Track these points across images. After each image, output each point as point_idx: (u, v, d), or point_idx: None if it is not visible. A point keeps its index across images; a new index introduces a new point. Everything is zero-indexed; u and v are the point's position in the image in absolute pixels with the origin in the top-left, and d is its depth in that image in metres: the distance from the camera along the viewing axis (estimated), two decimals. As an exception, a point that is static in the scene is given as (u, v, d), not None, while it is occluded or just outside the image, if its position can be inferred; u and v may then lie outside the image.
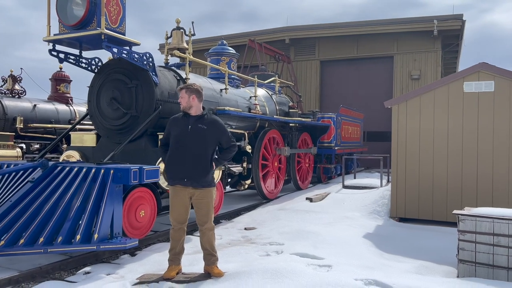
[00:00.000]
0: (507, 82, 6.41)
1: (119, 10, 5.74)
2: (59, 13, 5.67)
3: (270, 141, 9.55)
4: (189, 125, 4.08)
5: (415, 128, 7.03)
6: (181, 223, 4.15)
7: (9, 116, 11.11)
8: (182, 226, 4.18)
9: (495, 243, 4.06)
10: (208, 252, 4.16)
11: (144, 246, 5.62)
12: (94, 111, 6.51)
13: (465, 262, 4.20)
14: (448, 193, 6.76)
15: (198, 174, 4.02)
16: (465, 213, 4.26)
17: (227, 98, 8.15)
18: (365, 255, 4.98)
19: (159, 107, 6.17)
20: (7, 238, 4.44)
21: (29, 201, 4.78)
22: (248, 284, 3.74)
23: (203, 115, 4.17)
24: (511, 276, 3.99)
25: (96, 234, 4.58)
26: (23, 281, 4.19)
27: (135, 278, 4.14)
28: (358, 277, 3.84)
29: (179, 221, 4.14)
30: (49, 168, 5.19)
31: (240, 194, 10.81)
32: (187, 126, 4.08)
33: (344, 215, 7.31)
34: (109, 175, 4.83)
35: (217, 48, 9.24)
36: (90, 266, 4.74)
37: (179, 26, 7.49)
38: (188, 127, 4.07)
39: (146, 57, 6.07)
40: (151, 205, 5.63)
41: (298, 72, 20.62)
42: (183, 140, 4.06)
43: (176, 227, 4.17)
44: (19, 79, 12.17)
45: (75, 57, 6.27)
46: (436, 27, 17.69)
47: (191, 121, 4.10)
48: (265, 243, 5.67)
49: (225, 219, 7.63)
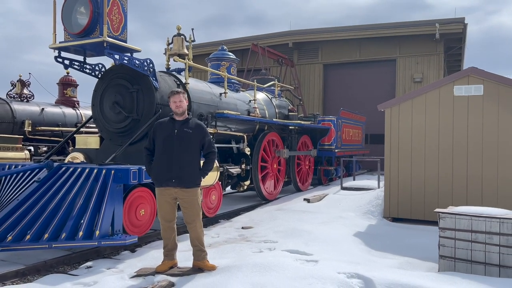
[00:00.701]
0: (495, 85, 6.60)
1: (120, 19, 6.05)
2: (64, 22, 5.99)
3: (270, 144, 9.80)
4: (175, 129, 4.32)
5: (407, 130, 7.25)
6: (168, 221, 4.41)
7: (18, 120, 11.47)
8: (170, 224, 4.43)
9: (473, 240, 4.27)
10: (198, 248, 4.41)
11: (144, 243, 5.89)
12: (97, 114, 6.81)
13: (445, 257, 4.41)
14: (439, 194, 6.95)
15: (184, 176, 4.25)
16: (445, 211, 4.48)
17: (226, 102, 8.42)
18: (353, 251, 5.21)
19: (159, 111, 6.45)
20: (14, 234, 4.74)
21: (35, 200, 5.09)
22: (238, 276, 3.98)
23: (188, 120, 4.42)
24: (488, 271, 4.20)
25: (98, 231, 4.86)
26: (28, 274, 4.48)
27: (133, 272, 4.41)
28: (341, 271, 4.07)
29: (166, 219, 4.40)
30: (54, 169, 5.49)
31: (240, 195, 11.06)
32: (174, 130, 4.31)
33: (339, 215, 7.53)
34: (110, 175, 5.11)
35: (217, 54, 9.53)
36: (91, 261, 5.02)
37: (179, 32, 7.80)
38: (174, 131, 4.31)
39: (147, 63, 6.36)
40: (151, 205, 5.90)
41: (302, 76, 20.87)
42: (170, 143, 4.28)
43: (165, 226, 4.42)
44: (28, 83, 12.55)
45: (79, 63, 6.59)
46: (438, 31, 17.85)
47: (177, 125, 4.34)
48: (260, 241, 5.91)
49: (224, 218, 7.88)
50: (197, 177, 4.38)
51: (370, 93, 19.54)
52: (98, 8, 5.78)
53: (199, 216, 4.43)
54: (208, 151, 4.46)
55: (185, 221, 4.45)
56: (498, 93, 6.59)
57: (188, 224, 4.42)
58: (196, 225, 4.40)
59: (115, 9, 5.97)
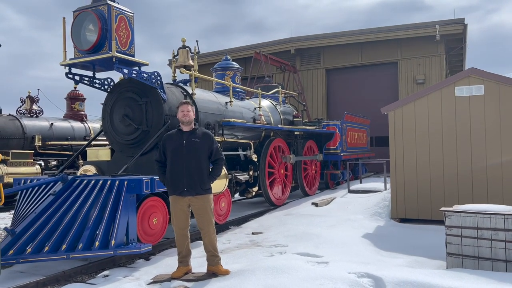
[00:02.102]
0: (495, 85, 6.72)
1: (128, 34, 6.25)
2: (74, 39, 6.19)
3: (276, 150, 9.95)
4: (183, 140, 4.49)
5: (411, 132, 7.37)
6: (182, 228, 4.57)
7: (28, 135, 11.74)
8: (184, 231, 4.59)
9: (479, 236, 4.38)
10: (211, 254, 4.55)
11: (157, 252, 6.04)
12: (108, 127, 7.00)
13: (453, 255, 4.51)
14: (445, 194, 7.05)
15: (195, 183, 4.42)
16: (451, 209, 4.59)
17: (232, 110, 8.59)
18: (362, 252, 5.33)
19: (168, 122, 6.62)
20: (33, 246, 4.90)
21: (52, 212, 5.25)
22: (251, 280, 4.11)
23: (195, 129, 4.59)
24: (495, 266, 4.30)
25: (113, 240, 5.02)
26: (49, 284, 4.63)
27: (149, 279, 4.55)
28: (352, 271, 4.18)
29: (180, 227, 4.56)
30: (69, 182, 5.66)
31: (249, 201, 11.19)
32: (182, 141, 4.49)
33: (347, 218, 7.64)
34: (123, 186, 5.28)
35: (222, 63, 9.72)
36: (108, 270, 5.16)
37: (184, 45, 8.01)
38: (183, 141, 4.49)
39: (155, 75, 6.55)
40: (163, 213, 6.06)
41: (305, 81, 21.05)
42: (180, 153, 4.46)
43: (179, 233, 4.58)
44: (37, 99, 12.84)
45: (89, 78, 6.79)
46: (439, 32, 17.98)
47: (185, 136, 4.52)
48: (271, 246, 6.04)
49: (234, 225, 8.02)
50: (207, 184, 4.54)
51: (373, 96, 19.66)
52: (106, 24, 5.98)
53: (211, 222, 4.58)
54: (216, 157, 4.64)
55: (198, 227, 4.60)
56: (499, 92, 6.71)
57: (201, 230, 4.56)
58: (209, 230, 4.55)
59: (122, 25, 6.17)
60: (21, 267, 5.25)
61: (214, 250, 4.57)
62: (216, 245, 4.60)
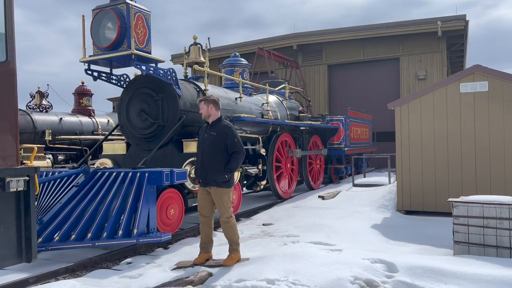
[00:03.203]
0: (499, 82, 6.97)
1: (145, 32, 6.46)
2: (93, 36, 6.40)
3: (283, 144, 10.19)
4: (205, 133, 4.77)
5: (416, 127, 7.62)
6: (204, 216, 4.84)
7: (39, 130, 11.93)
8: (207, 219, 4.84)
9: (485, 225, 4.64)
10: (229, 243, 4.81)
11: (174, 241, 6.29)
12: (124, 122, 7.22)
13: (460, 243, 4.78)
14: (449, 186, 7.31)
15: (208, 176, 4.68)
16: (458, 200, 4.85)
17: (241, 106, 8.83)
18: (372, 241, 5.60)
19: (183, 117, 6.86)
20: (60, 235, 5.15)
21: (76, 203, 5.50)
22: (270, 265, 4.37)
23: (215, 123, 4.80)
24: (499, 253, 4.57)
25: (136, 229, 5.27)
26: (77, 270, 4.89)
27: (172, 265, 4.81)
28: (365, 257, 4.45)
29: (203, 214, 4.85)
30: (91, 174, 5.91)
31: (256, 195, 11.45)
32: (204, 133, 4.78)
33: (354, 210, 7.91)
34: (145, 177, 5.52)
35: (230, 60, 9.94)
36: (130, 258, 5.41)
37: (196, 42, 8.22)
38: (205, 135, 4.77)
39: (170, 72, 6.77)
40: (179, 204, 6.31)
41: (307, 77, 21.27)
42: (201, 146, 4.78)
43: (202, 220, 4.87)
44: (46, 94, 13.02)
45: (106, 74, 7.00)
46: (440, 28, 18.19)
47: (208, 129, 4.79)
48: (283, 236, 6.30)
49: (244, 217, 8.27)
50: (221, 177, 4.66)
51: (375, 91, 19.91)
52: (125, 23, 6.19)
53: (227, 212, 4.77)
54: (232, 151, 4.70)
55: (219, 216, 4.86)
56: (502, 89, 6.96)
57: (220, 219, 4.82)
58: (226, 222, 4.77)
59: (140, 23, 6.38)
60: (47, 255, 5.50)
61: (230, 240, 4.81)
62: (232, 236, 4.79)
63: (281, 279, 3.98)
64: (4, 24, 3.74)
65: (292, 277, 4.00)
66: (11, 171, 3.65)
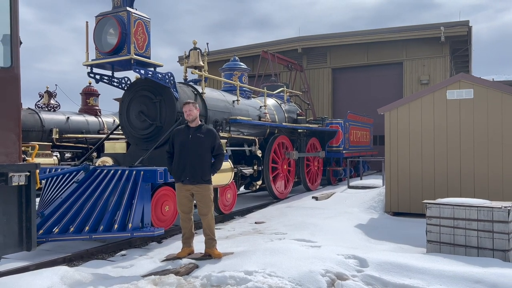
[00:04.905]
0: (484, 89, 7.22)
1: (144, 38, 6.84)
2: (96, 42, 6.80)
3: (280, 146, 10.51)
4: (189, 134, 5.06)
5: (405, 132, 7.90)
6: (186, 213, 5.16)
7: (46, 128, 12.41)
8: (188, 215, 5.17)
9: (455, 226, 4.92)
10: (209, 237, 5.13)
11: (169, 236, 6.65)
12: (124, 122, 7.61)
13: (432, 242, 5.07)
14: (435, 189, 7.58)
15: (196, 174, 4.98)
16: (431, 202, 5.14)
17: (239, 109, 9.17)
18: (353, 240, 5.90)
19: (180, 118, 7.22)
20: (60, 227, 5.54)
21: (76, 198, 5.89)
22: (251, 258, 4.69)
23: (201, 126, 5.14)
24: (468, 252, 4.85)
25: (130, 223, 5.63)
26: (74, 260, 5.27)
27: (162, 257, 5.17)
28: (340, 253, 4.76)
29: (183, 211, 5.16)
30: (90, 171, 6.29)
31: (253, 195, 11.79)
32: (188, 135, 5.06)
33: (344, 211, 8.20)
34: (140, 175, 5.89)
35: (230, 64, 10.30)
36: (125, 250, 5.78)
37: (195, 46, 8.59)
38: (189, 136, 5.05)
39: (168, 76, 7.14)
40: (174, 202, 6.64)
41: (311, 80, 21.55)
42: (185, 146, 5.03)
43: (183, 216, 5.18)
44: (54, 94, 13.51)
45: (108, 77, 7.40)
46: (443, 34, 18.37)
47: (191, 131, 5.08)
48: (271, 233, 6.62)
49: (238, 215, 8.61)
50: (207, 175, 5.08)
51: (378, 95, 20.10)
52: (125, 29, 6.57)
53: (211, 209, 5.14)
54: (217, 152, 5.16)
55: (199, 213, 5.17)
56: (487, 96, 7.21)
57: (201, 216, 5.14)
58: (208, 216, 5.11)
59: (140, 29, 6.76)
60: (47, 246, 5.90)
61: (212, 234, 5.14)
62: (213, 229, 5.17)
63: (258, 271, 4.30)
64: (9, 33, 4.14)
65: (269, 269, 4.32)
66: (14, 167, 4.03)
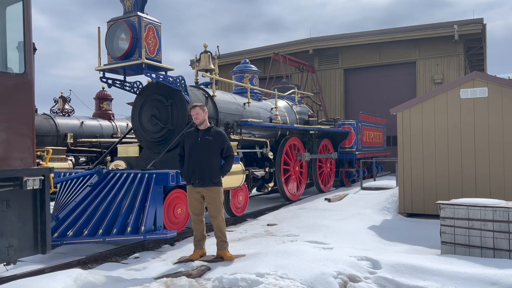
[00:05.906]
0: (499, 88, 7.10)
1: (155, 42, 6.90)
2: (108, 47, 6.88)
3: (291, 148, 10.49)
4: (198, 137, 5.08)
5: (418, 132, 7.81)
6: (197, 215, 5.18)
7: (61, 133, 12.62)
8: (199, 217, 5.19)
9: (470, 227, 4.84)
10: (220, 239, 5.13)
11: (181, 238, 6.69)
12: (136, 126, 7.68)
13: (446, 243, 4.99)
14: (450, 190, 7.47)
15: (205, 176, 4.99)
16: (445, 202, 5.07)
17: (249, 111, 9.18)
18: (366, 241, 5.84)
19: (191, 121, 7.24)
20: (74, 230, 5.61)
21: (89, 201, 5.96)
22: (263, 260, 4.69)
23: (210, 128, 5.16)
24: (484, 253, 4.76)
25: (143, 226, 5.68)
26: (88, 263, 5.33)
27: (175, 260, 5.19)
28: (353, 255, 4.72)
29: (194, 213, 5.18)
30: (104, 175, 6.36)
31: (266, 197, 11.78)
32: (197, 138, 5.08)
33: (357, 212, 8.13)
34: (152, 178, 5.94)
35: (241, 66, 10.33)
36: (138, 253, 5.83)
37: (206, 50, 8.64)
38: (198, 139, 5.07)
39: (179, 79, 7.19)
40: (186, 204, 6.66)
41: (323, 81, 21.46)
42: (194, 149, 5.05)
43: (194, 218, 5.20)
44: (69, 99, 13.73)
45: (120, 82, 7.48)
46: (457, 32, 18.13)
47: (200, 134, 5.11)
48: (283, 235, 6.60)
49: (250, 217, 8.61)
50: (217, 178, 5.08)
51: (391, 95, 19.90)
52: (136, 34, 6.64)
53: (221, 211, 5.14)
54: (226, 154, 5.17)
55: (209, 215, 5.18)
56: (501, 94, 7.09)
57: (212, 218, 5.15)
58: (219, 218, 5.12)
59: (151, 34, 6.82)
60: (62, 249, 5.98)
61: (223, 236, 5.14)
62: (224, 231, 5.17)
63: (270, 273, 4.29)
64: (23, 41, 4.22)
65: (281, 271, 4.30)
66: (28, 171, 4.10)
